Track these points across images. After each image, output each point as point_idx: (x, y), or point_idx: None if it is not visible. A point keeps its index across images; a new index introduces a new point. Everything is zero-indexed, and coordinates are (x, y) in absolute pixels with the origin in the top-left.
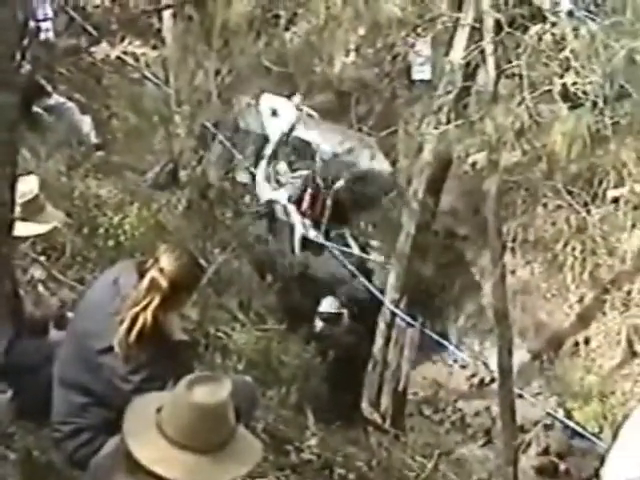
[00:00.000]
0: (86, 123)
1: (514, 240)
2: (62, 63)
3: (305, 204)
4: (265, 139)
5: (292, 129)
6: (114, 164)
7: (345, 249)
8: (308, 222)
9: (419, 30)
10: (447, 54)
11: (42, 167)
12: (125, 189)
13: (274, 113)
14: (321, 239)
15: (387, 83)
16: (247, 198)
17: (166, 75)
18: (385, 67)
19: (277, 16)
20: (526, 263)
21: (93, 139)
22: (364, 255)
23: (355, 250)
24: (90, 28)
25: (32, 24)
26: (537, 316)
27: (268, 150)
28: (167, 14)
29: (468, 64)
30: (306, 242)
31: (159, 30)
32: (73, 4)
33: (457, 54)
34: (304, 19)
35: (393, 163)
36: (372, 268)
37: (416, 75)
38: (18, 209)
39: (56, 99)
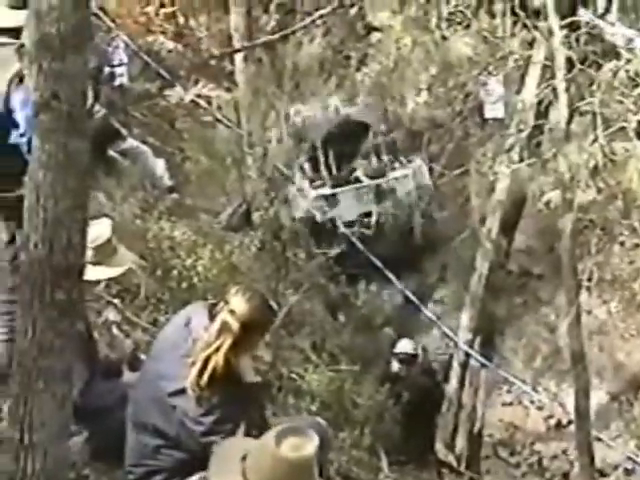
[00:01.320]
0: (160, 166)
1: (590, 279)
2: (137, 107)
3: None
4: None
5: None
6: (187, 206)
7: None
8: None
9: (490, 68)
10: (519, 92)
11: (117, 210)
12: (198, 231)
13: None
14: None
15: (459, 122)
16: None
17: (238, 117)
18: (457, 106)
19: (348, 57)
20: (603, 302)
21: (167, 182)
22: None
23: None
24: (164, 72)
25: (107, 69)
26: (615, 357)
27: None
28: (239, 57)
29: (540, 102)
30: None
31: (231, 73)
32: (147, 49)
33: (529, 92)
34: (375, 60)
35: (465, 202)
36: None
37: (488, 113)
38: (90, 253)
39: (131, 143)
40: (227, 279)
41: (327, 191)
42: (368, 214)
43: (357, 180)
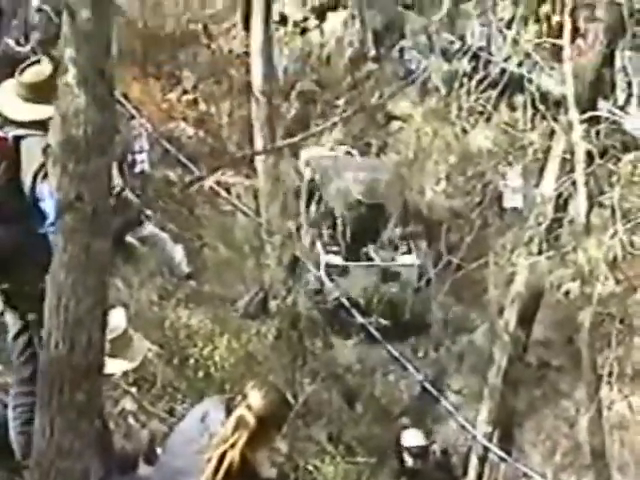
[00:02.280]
0: (178, 253)
1: (610, 374)
2: (157, 194)
3: None
4: None
5: None
6: (205, 294)
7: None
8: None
9: (510, 159)
10: (538, 185)
11: (134, 297)
12: (216, 319)
13: None
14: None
15: (478, 211)
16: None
17: (257, 206)
18: (475, 195)
19: (368, 144)
20: (624, 397)
21: (185, 269)
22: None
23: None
24: (184, 159)
25: (129, 156)
26: (637, 452)
27: None
28: (259, 145)
29: (559, 195)
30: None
31: (251, 160)
32: (168, 135)
33: (548, 185)
34: (394, 149)
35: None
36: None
37: (507, 203)
38: (107, 345)
39: (150, 229)
40: (244, 369)
41: (339, 261)
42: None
43: (368, 257)
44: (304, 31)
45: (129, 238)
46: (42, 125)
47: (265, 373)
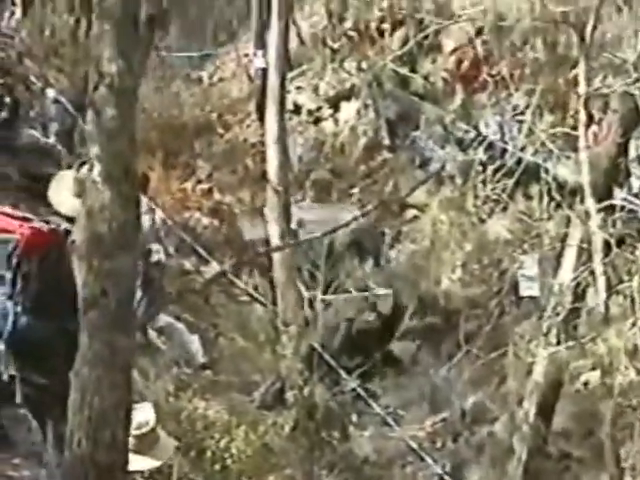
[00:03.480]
0: (194, 343)
1: (634, 468)
2: (173, 283)
3: None
4: None
5: None
6: (221, 384)
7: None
8: None
9: (526, 247)
10: (555, 274)
11: (150, 388)
12: (232, 410)
13: None
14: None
15: (495, 300)
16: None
17: (273, 295)
18: (492, 284)
19: (383, 233)
20: None
21: (200, 359)
22: None
23: None
24: (199, 248)
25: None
26: None
27: None
28: (275, 236)
29: (577, 284)
30: None
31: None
32: (183, 225)
33: (566, 274)
34: (409, 237)
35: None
36: None
37: (524, 292)
38: (132, 441)
39: (165, 320)
40: (261, 461)
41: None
42: None
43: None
44: (318, 120)
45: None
46: None
47: (282, 465)
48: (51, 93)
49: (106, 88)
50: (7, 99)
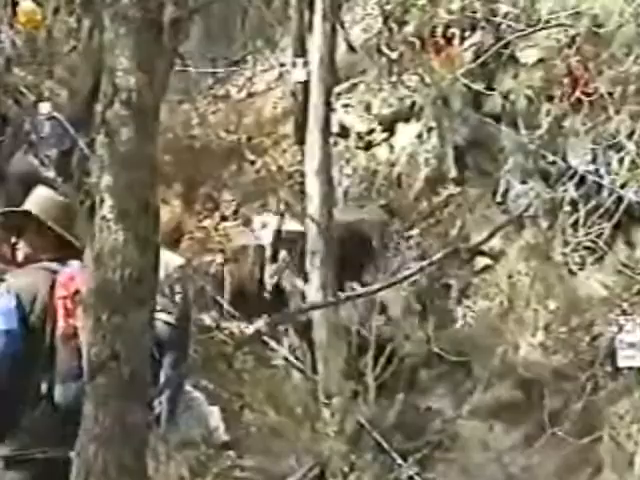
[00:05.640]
0: (214, 416)
1: None
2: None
3: None
4: None
5: None
6: (247, 468)
7: None
8: None
9: (626, 306)
10: None
11: (160, 471)
12: None
13: None
14: None
15: (586, 372)
16: None
17: (313, 360)
18: (583, 351)
19: (447, 286)
20: None
21: (222, 436)
22: None
23: None
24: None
25: None
26: None
27: None
28: (315, 281)
29: None
30: None
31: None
32: (202, 271)
33: None
34: (479, 292)
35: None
36: None
37: (622, 362)
38: None
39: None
40: None
41: None
42: None
43: None
44: (370, 145)
45: None
46: None
47: None
48: (44, 108)
49: (122, 105)
50: None
